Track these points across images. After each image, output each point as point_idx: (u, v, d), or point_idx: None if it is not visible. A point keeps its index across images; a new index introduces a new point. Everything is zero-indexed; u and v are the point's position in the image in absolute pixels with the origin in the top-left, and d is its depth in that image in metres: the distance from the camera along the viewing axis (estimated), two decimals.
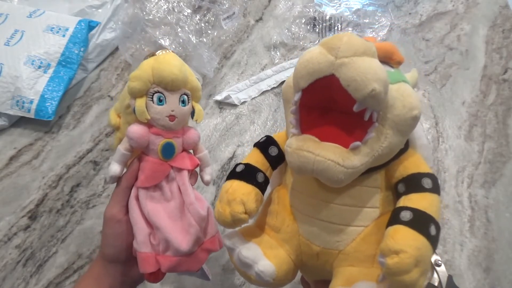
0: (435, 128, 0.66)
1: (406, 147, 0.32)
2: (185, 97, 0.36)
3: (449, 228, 0.57)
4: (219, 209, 0.33)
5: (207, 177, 0.42)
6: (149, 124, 0.36)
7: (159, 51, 0.38)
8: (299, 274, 0.38)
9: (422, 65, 0.73)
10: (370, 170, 0.30)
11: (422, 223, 0.26)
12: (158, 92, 0.35)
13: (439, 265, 0.53)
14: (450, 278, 0.52)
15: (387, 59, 0.31)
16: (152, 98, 0.35)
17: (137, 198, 0.37)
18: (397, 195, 0.30)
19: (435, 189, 0.29)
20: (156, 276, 0.37)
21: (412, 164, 0.31)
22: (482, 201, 0.59)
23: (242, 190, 0.33)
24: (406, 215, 0.27)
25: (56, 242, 0.57)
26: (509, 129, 0.65)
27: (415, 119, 0.29)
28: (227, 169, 0.64)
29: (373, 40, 0.31)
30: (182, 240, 0.36)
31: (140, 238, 0.36)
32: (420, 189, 0.29)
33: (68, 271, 0.55)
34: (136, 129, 0.35)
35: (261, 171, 0.34)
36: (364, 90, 0.25)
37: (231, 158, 0.65)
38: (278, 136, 0.37)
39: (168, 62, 0.35)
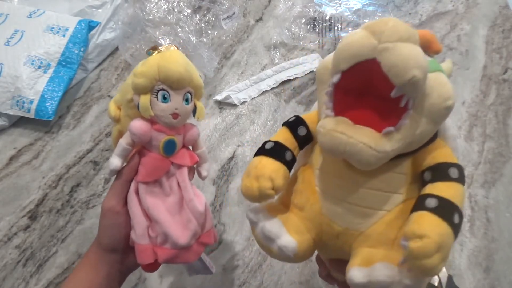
0: None
1: (434, 136, 0.32)
2: (189, 95, 0.37)
3: None
4: (247, 183, 0.33)
5: (204, 173, 0.42)
6: (151, 120, 0.36)
7: (161, 47, 0.38)
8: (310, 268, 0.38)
9: None
10: (399, 157, 0.30)
11: (447, 211, 0.26)
12: (163, 89, 0.34)
13: None
14: (450, 278, 0.52)
15: (425, 48, 0.31)
16: (157, 95, 0.35)
17: (137, 192, 0.37)
18: (423, 183, 0.31)
19: (461, 179, 0.29)
20: (153, 266, 0.37)
21: (440, 154, 0.31)
22: (482, 201, 0.59)
23: (271, 167, 0.33)
24: (431, 202, 0.27)
25: (56, 242, 0.57)
26: (509, 129, 0.65)
27: (449, 109, 0.29)
28: (227, 169, 0.64)
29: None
30: (181, 235, 0.36)
31: (139, 231, 0.36)
32: (446, 178, 0.29)
33: (68, 271, 0.55)
34: (139, 125, 0.35)
35: (289, 149, 0.35)
36: (405, 77, 0.25)
37: (231, 158, 0.65)
38: (307, 116, 0.37)
39: (174, 61, 0.35)
